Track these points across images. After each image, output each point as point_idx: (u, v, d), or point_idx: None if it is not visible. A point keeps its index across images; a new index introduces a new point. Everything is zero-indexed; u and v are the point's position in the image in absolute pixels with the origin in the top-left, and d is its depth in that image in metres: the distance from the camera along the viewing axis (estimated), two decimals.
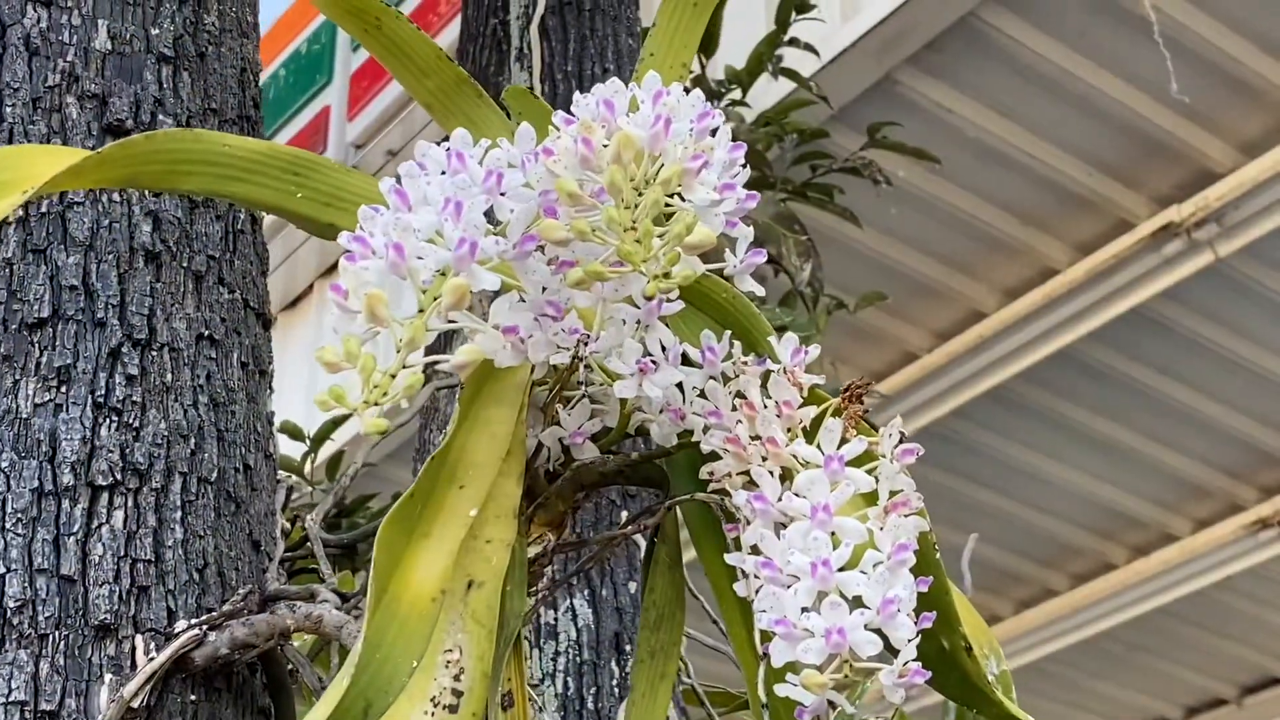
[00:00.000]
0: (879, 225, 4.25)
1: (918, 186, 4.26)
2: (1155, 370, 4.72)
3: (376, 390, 0.66)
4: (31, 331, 1.07)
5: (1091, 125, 4.23)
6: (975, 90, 4.13)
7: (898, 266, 4.50)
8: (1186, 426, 4.90)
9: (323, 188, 0.90)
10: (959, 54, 4.02)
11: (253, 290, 1.22)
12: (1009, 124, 4.19)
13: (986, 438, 4.94)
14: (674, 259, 0.69)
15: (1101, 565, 5.48)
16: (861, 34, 3.83)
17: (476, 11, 2.31)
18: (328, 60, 5.92)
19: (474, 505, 0.83)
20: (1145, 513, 5.27)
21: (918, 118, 4.02)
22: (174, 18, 1.24)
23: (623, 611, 1.63)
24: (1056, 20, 3.98)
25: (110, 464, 1.04)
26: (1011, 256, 4.56)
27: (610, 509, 1.66)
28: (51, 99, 1.15)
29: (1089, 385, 4.76)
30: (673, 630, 0.94)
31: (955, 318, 4.71)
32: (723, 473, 0.83)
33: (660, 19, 0.97)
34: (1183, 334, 4.58)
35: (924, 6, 3.82)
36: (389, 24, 0.92)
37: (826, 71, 3.72)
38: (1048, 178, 4.34)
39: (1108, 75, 4.10)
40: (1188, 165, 4.32)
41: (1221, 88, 4.13)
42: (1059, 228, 4.50)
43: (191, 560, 1.05)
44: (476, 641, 0.80)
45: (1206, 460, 5.04)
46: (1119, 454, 5.02)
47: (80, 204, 1.12)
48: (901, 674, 0.72)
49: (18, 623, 0.98)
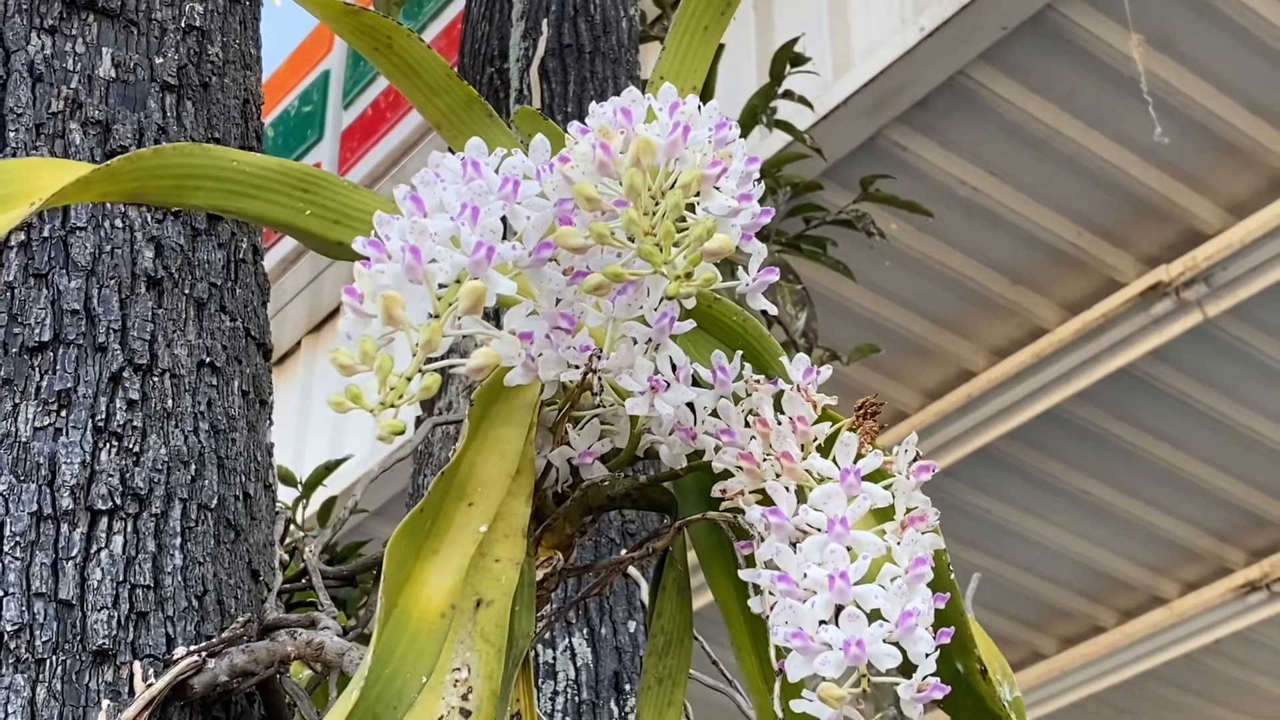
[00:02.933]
0: (870, 283, 4.26)
1: (908, 245, 4.28)
2: (1144, 431, 4.72)
3: (393, 392, 0.65)
4: (32, 355, 1.06)
5: (1081, 185, 4.25)
6: (965, 149, 4.15)
7: (888, 324, 4.50)
8: (1175, 488, 4.90)
9: (331, 205, 0.89)
10: (949, 113, 4.04)
11: (254, 320, 1.21)
12: (999, 183, 4.21)
13: (975, 498, 4.93)
14: (696, 260, 0.68)
15: (1090, 628, 5.46)
16: (852, 92, 3.85)
17: (473, 61, 2.32)
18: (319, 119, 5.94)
19: (483, 522, 0.82)
20: (1134, 575, 5.25)
21: (909, 175, 4.03)
22: (178, 48, 1.23)
23: (622, 651, 1.61)
24: (1046, 80, 4.01)
25: (110, 488, 1.03)
26: (1001, 315, 4.57)
27: (611, 548, 1.65)
28: (55, 125, 1.15)
29: (1078, 445, 4.76)
30: (681, 656, 0.93)
31: (944, 376, 4.72)
32: (735, 491, 0.82)
33: (670, 43, 0.97)
34: (1171, 394, 4.58)
35: (914, 65, 3.84)
36: (400, 42, 0.92)
37: (818, 128, 3.74)
38: (1037, 237, 4.35)
39: (1097, 135, 4.12)
40: (1176, 225, 4.34)
41: (1210, 148, 4.15)
42: (1048, 287, 4.51)
43: (191, 587, 1.04)
44: (485, 660, 0.79)
45: (1195, 522, 5.03)
46: (1107, 515, 5.01)
47: (83, 229, 1.11)
48: (920, 688, 0.71)
49: (15, 647, 0.97)
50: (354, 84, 5.75)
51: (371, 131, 5.56)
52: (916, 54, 3.80)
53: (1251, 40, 3.98)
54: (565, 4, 2.02)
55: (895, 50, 3.80)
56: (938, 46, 3.78)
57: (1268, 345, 4.45)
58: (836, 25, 4.04)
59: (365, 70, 5.66)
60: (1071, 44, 3.93)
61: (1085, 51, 3.95)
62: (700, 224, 0.69)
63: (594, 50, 2.00)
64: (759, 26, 4.24)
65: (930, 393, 4.75)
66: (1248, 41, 3.98)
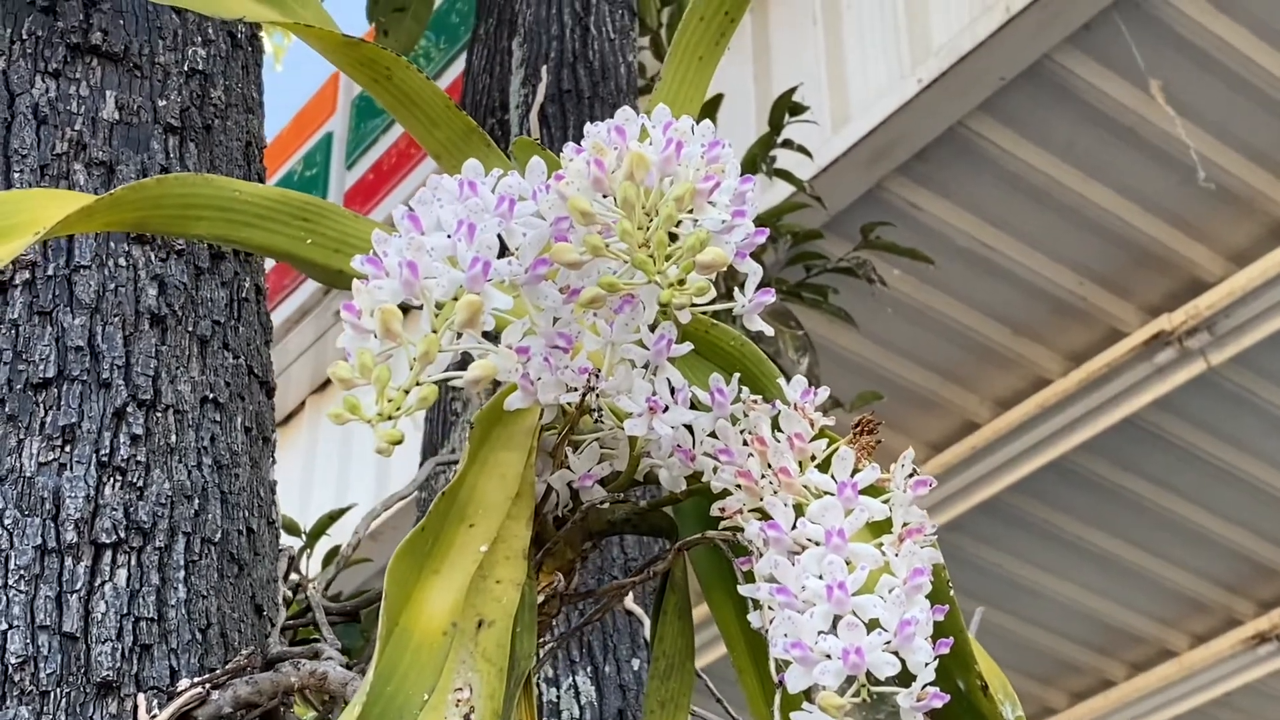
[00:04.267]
0: (872, 334, 4.27)
1: (909, 295, 4.29)
2: (1150, 481, 4.71)
3: (391, 404, 0.66)
4: (37, 391, 1.07)
5: (1081, 234, 4.26)
6: (965, 200, 4.17)
7: (890, 376, 4.51)
8: (1182, 539, 4.88)
9: (331, 233, 0.90)
10: (948, 164, 4.06)
11: (256, 358, 1.22)
12: (999, 233, 4.23)
13: (981, 551, 4.92)
14: (688, 267, 0.69)
15: (1100, 682, 5.43)
16: (852, 144, 3.87)
17: (475, 112, 2.34)
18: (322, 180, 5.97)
19: (483, 543, 0.82)
20: (1142, 627, 5.23)
21: (909, 226, 4.05)
22: (180, 91, 1.25)
23: (626, 688, 1.61)
24: (1044, 130, 4.03)
25: (114, 522, 1.04)
26: (1004, 366, 4.57)
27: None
28: (59, 165, 1.16)
29: (1083, 497, 4.75)
30: (683, 679, 0.93)
31: (948, 428, 4.71)
32: (734, 509, 0.82)
33: (666, 73, 0.99)
34: (1177, 444, 4.58)
35: (913, 117, 3.86)
36: (399, 74, 0.93)
37: (819, 180, 3.76)
38: (1039, 287, 4.36)
39: (1097, 185, 4.14)
40: (1178, 274, 4.35)
41: (1210, 197, 4.17)
42: (1050, 337, 4.51)
43: (194, 620, 1.05)
44: (487, 680, 0.79)
45: (1203, 574, 5.02)
46: (1115, 567, 4.99)
47: (87, 267, 1.13)
48: (920, 697, 0.71)
49: (19, 679, 0.97)
50: (356, 145, 5.79)
51: (374, 192, 5.59)
52: (915, 105, 3.82)
53: (1250, 89, 4.01)
54: (564, 50, 2.05)
55: (894, 102, 3.83)
56: (936, 98, 3.81)
57: (1272, 393, 4.45)
58: (835, 77, 4.07)
59: (367, 132, 5.70)
60: (1069, 94, 3.95)
61: (1083, 101, 3.97)
62: (693, 235, 0.70)
63: (593, 95, 2.02)
64: (758, 79, 4.27)
65: (935, 444, 4.75)
66: (1246, 91, 4.01)
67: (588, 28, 2.05)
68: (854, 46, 4.11)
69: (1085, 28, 3.80)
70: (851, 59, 4.09)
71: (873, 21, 4.10)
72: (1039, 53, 3.82)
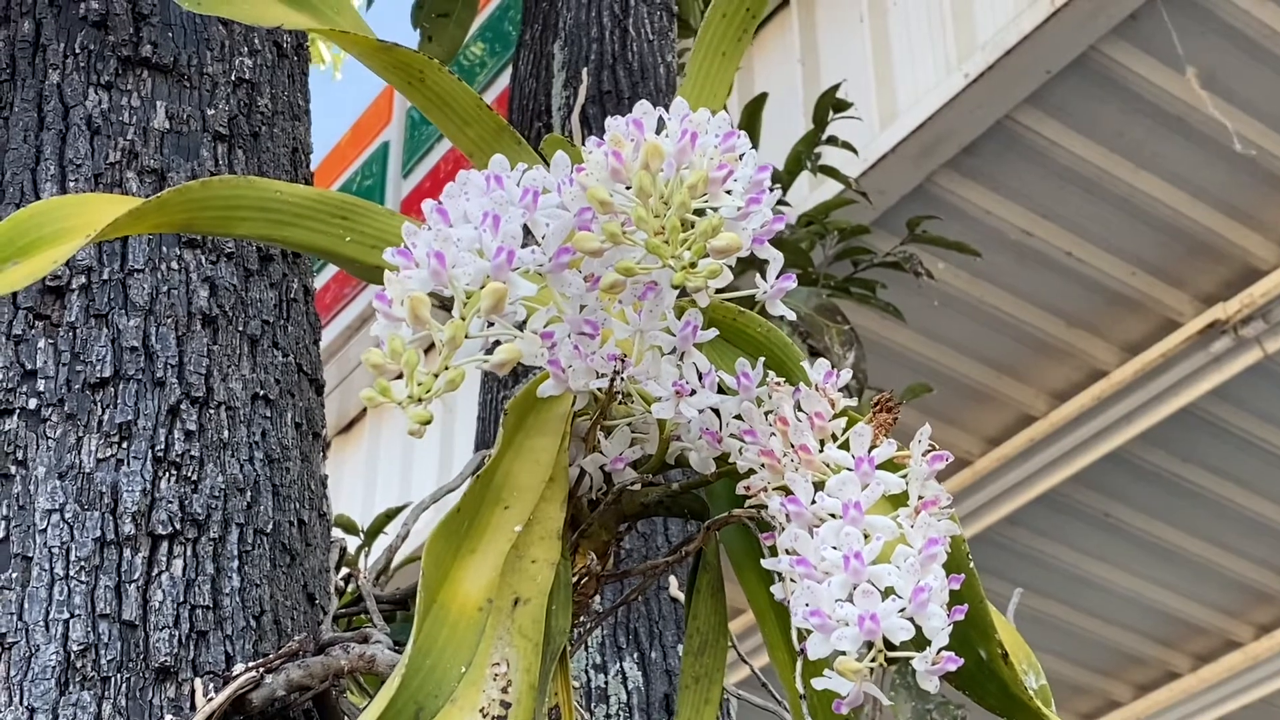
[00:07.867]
0: (922, 329, 4.29)
1: (961, 290, 4.30)
2: (1209, 471, 4.70)
3: (420, 387, 0.69)
4: (94, 391, 1.11)
5: (1133, 225, 4.26)
6: (1015, 193, 4.17)
7: (943, 370, 4.52)
8: (1243, 528, 4.86)
9: (370, 231, 0.94)
10: (997, 157, 4.07)
11: (305, 356, 1.26)
12: (1050, 225, 4.23)
13: (1041, 544, 4.92)
14: (700, 251, 0.72)
15: (1165, 674, 5.41)
16: (899, 140, 3.89)
17: (521, 116, 2.38)
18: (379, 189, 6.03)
19: (518, 524, 0.86)
20: (1206, 619, 5.21)
21: (959, 220, 4.06)
22: (228, 100, 1.29)
23: (672, 674, 1.64)
24: (1093, 122, 4.04)
25: (170, 515, 1.08)
26: (1059, 358, 4.57)
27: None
28: (112, 174, 1.21)
29: (1143, 488, 4.74)
30: (716, 655, 0.96)
31: (1005, 422, 4.72)
32: (759, 487, 0.86)
33: (690, 68, 1.02)
34: (1235, 433, 4.56)
35: (960, 111, 3.87)
36: (432, 76, 0.97)
37: (867, 177, 3.78)
38: (1091, 278, 4.36)
39: (1147, 175, 4.14)
40: (1231, 262, 4.34)
41: (1262, 184, 4.16)
42: (1105, 328, 4.51)
43: (249, 607, 1.09)
44: (523, 655, 0.83)
45: (1265, 563, 4.99)
46: (1176, 558, 4.98)
47: (140, 271, 1.17)
48: (935, 661, 0.74)
49: (81, 666, 1.01)
50: (411, 154, 5.85)
51: (432, 195, 5.63)
52: (962, 100, 3.84)
53: None
54: (604, 53, 2.08)
55: (941, 97, 3.84)
56: (983, 92, 3.82)
57: None
58: (881, 74, 4.09)
59: (422, 140, 5.76)
60: (1116, 84, 3.96)
61: (1131, 91, 3.97)
62: (707, 220, 0.73)
63: (633, 95, 2.06)
64: (806, 78, 4.29)
65: (991, 439, 4.75)
66: None
67: (626, 30, 2.09)
68: (900, 43, 4.13)
69: (1131, 18, 3.80)
70: (898, 56, 4.10)
71: (919, 18, 4.11)
72: (1085, 45, 3.83)
